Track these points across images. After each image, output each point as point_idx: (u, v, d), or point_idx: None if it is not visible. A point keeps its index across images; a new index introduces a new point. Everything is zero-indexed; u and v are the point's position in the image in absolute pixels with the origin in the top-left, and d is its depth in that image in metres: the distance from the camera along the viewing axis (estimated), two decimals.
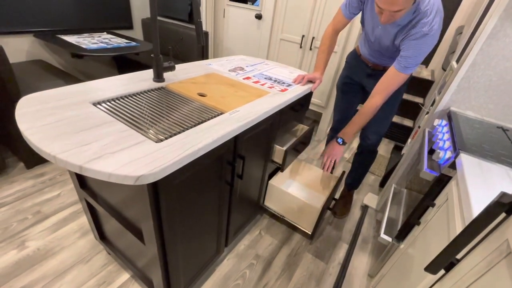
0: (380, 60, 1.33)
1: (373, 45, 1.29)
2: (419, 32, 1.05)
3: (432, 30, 1.03)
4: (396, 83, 1.16)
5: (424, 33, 1.04)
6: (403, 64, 1.11)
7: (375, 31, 1.22)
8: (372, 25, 1.22)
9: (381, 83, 1.19)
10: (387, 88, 1.18)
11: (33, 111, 0.76)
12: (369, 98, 1.23)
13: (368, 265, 1.44)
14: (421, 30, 1.04)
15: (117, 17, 2.63)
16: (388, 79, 1.17)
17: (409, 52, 1.09)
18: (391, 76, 1.16)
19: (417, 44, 1.06)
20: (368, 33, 1.27)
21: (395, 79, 1.16)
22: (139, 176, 0.59)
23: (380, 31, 1.19)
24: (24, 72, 1.86)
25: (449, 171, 0.90)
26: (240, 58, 1.67)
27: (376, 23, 1.19)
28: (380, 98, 1.20)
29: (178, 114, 0.90)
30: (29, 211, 1.43)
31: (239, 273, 1.29)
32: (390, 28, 1.14)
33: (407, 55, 1.09)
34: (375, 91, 1.21)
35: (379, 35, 1.21)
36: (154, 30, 1.00)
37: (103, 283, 1.16)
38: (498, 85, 1.24)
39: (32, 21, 2.05)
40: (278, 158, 1.33)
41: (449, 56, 2.26)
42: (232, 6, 2.67)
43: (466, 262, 0.58)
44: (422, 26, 1.04)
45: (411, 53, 1.08)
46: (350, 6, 1.24)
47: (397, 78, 1.15)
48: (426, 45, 1.06)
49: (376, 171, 2.24)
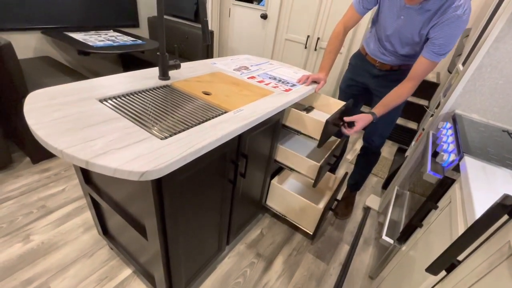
0: (390, 59, 1.30)
1: (389, 40, 1.25)
2: (454, 16, 1.00)
3: (465, 13, 0.99)
4: (427, 71, 1.14)
5: (458, 16, 0.99)
6: (436, 52, 1.07)
7: (396, 22, 1.17)
8: (392, 17, 1.18)
9: (414, 70, 1.16)
10: (419, 75, 1.15)
11: (40, 107, 0.77)
12: (401, 83, 1.20)
13: (369, 266, 1.43)
14: (455, 13, 1.00)
15: (123, 15, 2.65)
16: (420, 68, 1.14)
17: (442, 39, 1.05)
18: (422, 65, 1.13)
19: (450, 29, 1.02)
20: (385, 28, 1.23)
21: (426, 67, 1.12)
22: (144, 172, 0.60)
23: (402, 21, 1.15)
24: (31, 68, 1.89)
25: (453, 174, 0.90)
26: (244, 58, 1.67)
27: (398, 13, 1.15)
28: (411, 84, 1.17)
29: (182, 112, 0.91)
30: (34, 205, 1.45)
31: (240, 272, 1.30)
32: (417, 15, 1.10)
33: (440, 42, 1.05)
34: (408, 78, 1.18)
35: (401, 26, 1.17)
36: (160, 29, 1.01)
37: (105, 278, 1.18)
38: (504, 89, 1.23)
39: (40, 18, 2.08)
40: (312, 174, 1.30)
41: (455, 58, 2.24)
42: (237, 5, 2.68)
43: (468, 264, 0.58)
44: (456, 9, 0.99)
45: (445, 40, 1.04)
46: (364, 0, 1.22)
47: (428, 66, 1.12)
48: (459, 29, 1.02)
49: (379, 173, 2.23)
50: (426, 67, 1.13)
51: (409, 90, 1.19)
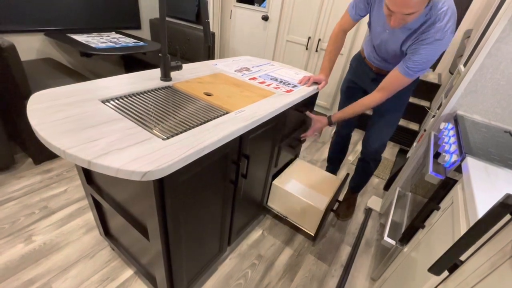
0: (384, 65, 1.30)
1: (379, 49, 1.25)
2: (431, 38, 0.98)
3: (445, 36, 0.97)
4: (399, 85, 1.12)
5: (436, 39, 0.98)
6: (409, 69, 1.06)
7: (381, 35, 1.17)
8: (378, 29, 1.18)
9: (384, 82, 1.16)
10: (389, 88, 1.14)
11: (44, 107, 0.77)
12: (372, 92, 1.21)
13: (371, 268, 1.43)
14: (434, 35, 0.98)
15: (125, 17, 2.67)
16: (391, 80, 1.13)
17: (417, 57, 1.03)
18: (395, 78, 1.12)
19: (427, 49, 1.01)
20: (374, 36, 1.23)
21: (399, 82, 1.11)
22: (146, 172, 0.60)
23: (387, 35, 1.15)
24: (34, 70, 1.90)
25: (455, 175, 0.90)
26: (246, 59, 1.68)
27: (383, 26, 1.14)
28: (379, 95, 1.17)
29: (184, 112, 0.92)
30: (36, 206, 1.45)
31: (241, 273, 1.30)
32: (399, 33, 1.09)
33: (415, 59, 1.04)
34: (378, 88, 1.18)
35: (386, 39, 1.17)
36: (162, 30, 1.01)
37: (107, 279, 1.18)
38: (506, 89, 1.22)
39: (43, 20, 2.10)
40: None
41: (457, 59, 2.24)
42: (239, 7, 2.69)
43: (470, 264, 0.58)
44: (436, 32, 0.97)
45: (420, 58, 1.02)
46: (357, 7, 1.21)
47: (400, 81, 1.11)
48: (437, 52, 1.00)
49: (381, 174, 2.23)
50: (399, 81, 1.11)
51: (376, 101, 1.18)
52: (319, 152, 2.39)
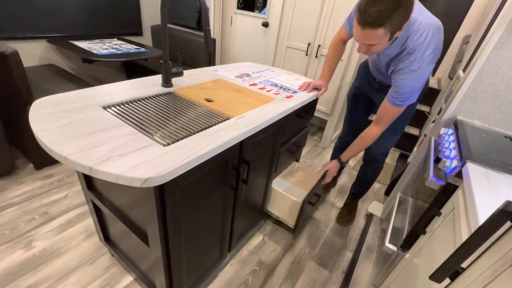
0: (384, 78, 1.30)
1: (375, 64, 1.27)
2: (406, 68, 0.98)
3: (420, 67, 0.96)
4: (393, 115, 1.12)
5: (411, 69, 0.97)
6: (395, 99, 1.06)
7: (371, 55, 1.19)
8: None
9: (379, 114, 1.16)
10: (384, 119, 1.14)
11: (46, 114, 0.78)
12: (370, 125, 1.21)
13: (372, 274, 1.41)
14: (409, 66, 0.98)
15: (127, 24, 2.70)
16: (384, 111, 1.13)
17: (397, 88, 1.03)
18: (386, 109, 1.11)
19: (404, 80, 1.00)
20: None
21: (391, 112, 1.11)
22: (147, 178, 0.60)
23: (375, 56, 1.16)
24: (37, 76, 1.92)
25: (456, 180, 0.90)
26: (246, 65, 1.69)
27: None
28: (377, 129, 1.17)
29: (185, 118, 0.92)
30: (37, 212, 1.45)
31: (242, 279, 1.29)
32: (382, 57, 1.10)
33: (397, 90, 1.04)
34: (375, 120, 1.18)
35: (375, 59, 1.19)
36: (164, 37, 1.02)
37: (107, 285, 1.17)
38: (505, 94, 1.23)
39: (45, 27, 2.12)
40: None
41: (456, 65, 2.25)
42: (239, 14, 2.72)
43: (472, 271, 0.57)
44: (411, 62, 0.97)
45: (400, 89, 1.02)
46: (350, 24, 1.22)
47: (392, 111, 1.10)
48: (415, 82, 1.00)
49: (382, 179, 2.22)
50: (391, 111, 1.11)
51: (375, 134, 1.19)
52: (319, 157, 2.39)
